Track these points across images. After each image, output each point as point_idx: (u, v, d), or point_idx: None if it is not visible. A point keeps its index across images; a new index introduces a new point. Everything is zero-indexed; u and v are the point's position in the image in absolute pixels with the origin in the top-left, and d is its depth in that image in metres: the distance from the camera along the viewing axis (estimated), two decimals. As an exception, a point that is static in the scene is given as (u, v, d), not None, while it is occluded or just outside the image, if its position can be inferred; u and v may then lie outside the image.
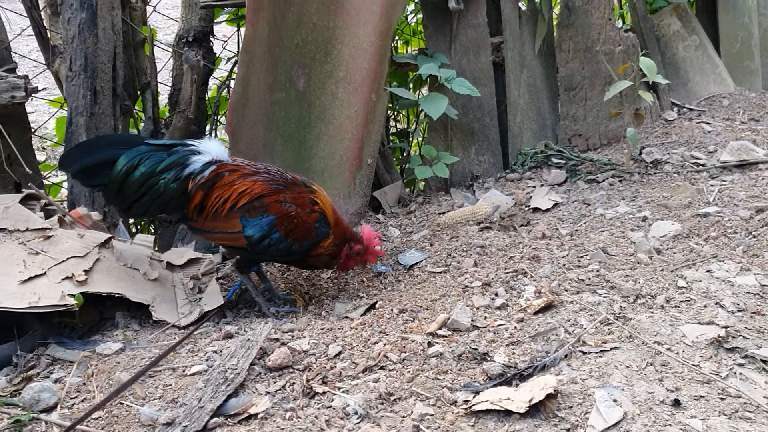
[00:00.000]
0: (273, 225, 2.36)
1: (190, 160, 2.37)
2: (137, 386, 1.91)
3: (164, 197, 2.35)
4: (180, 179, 2.34)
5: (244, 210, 2.36)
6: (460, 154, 3.54)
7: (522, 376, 1.77)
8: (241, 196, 2.36)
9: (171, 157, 2.35)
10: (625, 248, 2.52)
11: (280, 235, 2.36)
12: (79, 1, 2.77)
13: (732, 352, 1.79)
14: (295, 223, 2.37)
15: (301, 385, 1.85)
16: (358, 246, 2.48)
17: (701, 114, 4.03)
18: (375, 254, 2.52)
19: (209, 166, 2.38)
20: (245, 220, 2.36)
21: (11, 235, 2.39)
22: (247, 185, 2.37)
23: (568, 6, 3.67)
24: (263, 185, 2.38)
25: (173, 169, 2.34)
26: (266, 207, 2.36)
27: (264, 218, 2.36)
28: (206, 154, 2.39)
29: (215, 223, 2.39)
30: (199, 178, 2.36)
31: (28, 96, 2.78)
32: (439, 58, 3.41)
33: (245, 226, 2.36)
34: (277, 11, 2.96)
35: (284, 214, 2.36)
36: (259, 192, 2.37)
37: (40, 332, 2.26)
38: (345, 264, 2.52)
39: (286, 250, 2.40)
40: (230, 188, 2.36)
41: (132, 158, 2.32)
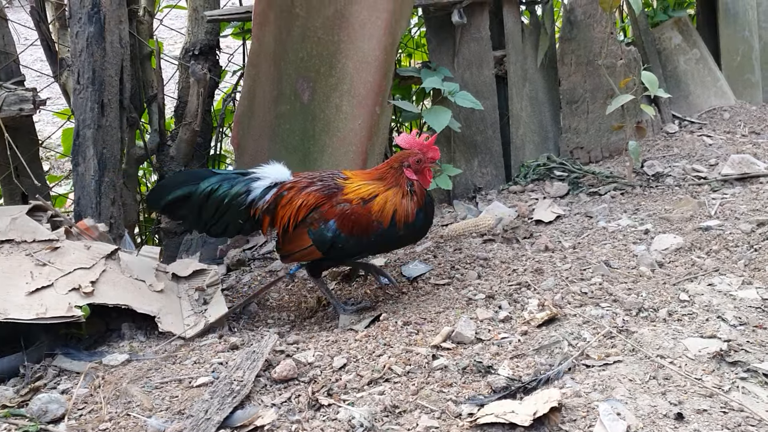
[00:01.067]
0: (335, 228, 2.39)
1: (252, 186, 2.48)
2: (144, 398, 1.92)
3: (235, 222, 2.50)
4: (245, 206, 2.47)
5: (307, 225, 2.43)
6: (463, 166, 3.56)
7: (526, 389, 1.78)
8: (300, 210, 2.43)
9: (235, 187, 2.47)
10: (628, 261, 2.54)
11: (345, 235, 2.39)
12: (87, 15, 2.81)
13: (734, 366, 1.80)
14: (353, 220, 2.39)
15: (306, 397, 1.86)
16: (413, 157, 2.41)
17: (702, 127, 4.05)
18: (431, 148, 2.43)
19: (269, 191, 2.48)
20: (312, 234, 2.42)
21: (18, 247, 2.41)
22: (303, 198, 2.44)
23: (570, 20, 3.70)
24: (316, 194, 2.44)
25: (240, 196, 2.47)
26: (324, 214, 2.41)
27: (326, 225, 2.40)
28: (266, 178, 2.49)
29: (290, 243, 2.49)
30: (261, 203, 2.47)
31: (36, 108, 2.82)
32: (442, 71, 3.44)
33: (314, 239, 2.42)
34: (283, 25, 2.99)
35: (341, 215, 2.39)
36: (314, 202, 2.43)
37: (47, 343, 2.28)
38: (423, 180, 2.43)
39: (359, 245, 2.43)
40: (290, 206, 2.45)
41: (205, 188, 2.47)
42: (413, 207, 2.40)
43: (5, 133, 2.76)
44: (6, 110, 2.76)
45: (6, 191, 3.01)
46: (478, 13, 3.52)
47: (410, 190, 2.40)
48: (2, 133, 2.77)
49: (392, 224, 2.38)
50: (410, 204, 2.40)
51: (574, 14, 3.69)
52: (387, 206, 2.38)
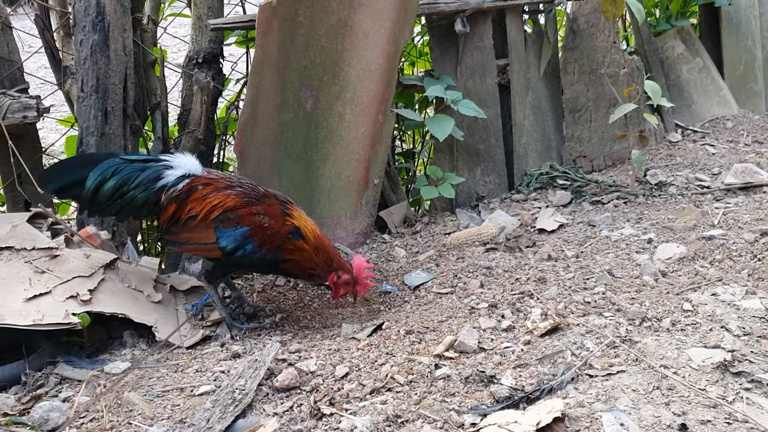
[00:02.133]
0: (247, 236, 2.39)
1: (164, 174, 2.44)
2: (145, 406, 1.92)
3: (134, 205, 2.43)
4: (153, 191, 2.41)
5: (218, 221, 2.40)
6: (465, 174, 3.56)
7: (529, 399, 1.77)
8: (214, 208, 2.41)
9: (145, 173, 2.42)
10: (631, 270, 2.53)
11: (253, 246, 2.39)
12: (91, 23, 2.82)
13: (738, 377, 1.79)
14: (268, 234, 2.40)
15: (308, 406, 1.85)
16: (346, 276, 2.47)
17: (705, 136, 4.05)
18: (364, 285, 2.50)
19: (183, 180, 2.44)
20: (219, 231, 2.40)
21: (18, 254, 2.42)
22: (220, 198, 2.43)
23: (573, 29, 3.71)
24: (236, 198, 2.43)
25: (146, 183, 2.41)
26: (239, 219, 2.40)
27: (237, 229, 2.40)
28: (179, 168, 2.46)
29: (189, 234, 2.45)
30: (172, 190, 2.42)
31: (39, 116, 2.82)
32: (445, 80, 3.44)
33: (219, 237, 2.40)
34: (286, 34, 3.00)
35: (258, 225, 2.40)
36: (232, 205, 2.42)
37: (49, 351, 2.28)
38: (334, 293, 2.53)
39: (261, 260, 2.43)
40: (203, 201, 2.42)
41: (104, 171, 2.40)
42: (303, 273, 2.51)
43: (9, 140, 2.77)
44: (10, 117, 2.77)
45: (9, 198, 3.02)
46: (481, 22, 3.53)
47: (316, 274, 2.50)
48: (6, 141, 2.77)
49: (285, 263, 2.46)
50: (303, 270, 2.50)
51: (577, 23, 3.70)
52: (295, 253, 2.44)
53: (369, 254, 3.11)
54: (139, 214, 2.52)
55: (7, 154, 2.86)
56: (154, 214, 2.50)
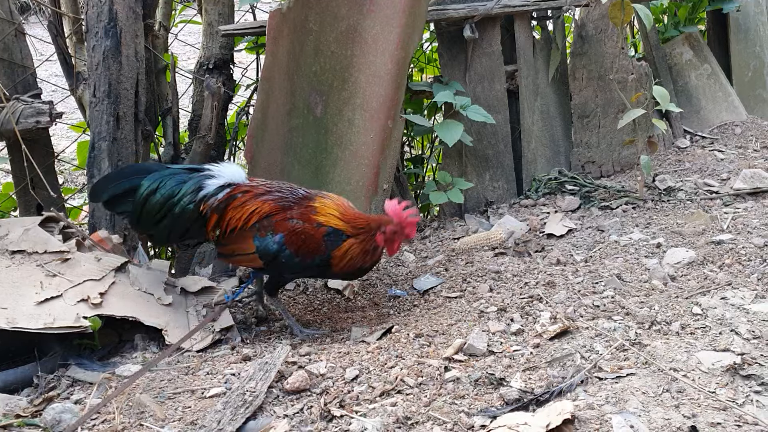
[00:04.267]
0: (282, 243, 2.38)
1: (205, 183, 2.45)
2: (157, 408, 1.93)
3: (182, 220, 2.43)
4: (195, 202, 2.42)
5: (255, 230, 2.40)
6: (474, 180, 3.57)
7: (539, 402, 1.78)
8: (251, 216, 2.41)
9: (189, 183, 2.44)
10: (640, 275, 2.53)
11: (290, 252, 2.39)
12: (104, 29, 2.85)
13: (748, 379, 1.79)
14: (302, 239, 2.38)
15: (318, 408, 1.86)
16: (390, 227, 2.40)
17: (714, 142, 4.05)
18: (411, 225, 2.42)
19: (223, 189, 2.44)
20: (258, 240, 2.40)
21: (30, 257, 2.44)
22: (257, 205, 2.42)
23: (581, 35, 3.72)
24: (272, 204, 2.43)
25: (189, 193, 2.42)
26: (274, 225, 2.40)
27: (274, 236, 2.39)
28: (221, 177, 2.47)
29: (232, 245, 2.45)
30: (213, 200, 2.42)
31: (52, 121, 2.85)
32: (454, 85, 3.46)
33: (258, 246, 2.40)
34: (296, 40, 3.02)
35: (291, 231, 2.38)
36: (268, 211, 2.41)
37: (61, 354, 2.29)
38: (390, 249, 2.45)
39: (301, 265, 2.42)
40: (242, 209, 2.42)
41: (153, 182, 2.42)
42: (361, 263, 2.43)
43: (22, 144, 2.80)
44: (23, 122, 2.80)
45: (21, 202, 3.05)
46: (489, 28, 3.54)
47: (372, 249, 2.41)
48: (19, 145, 2.80)
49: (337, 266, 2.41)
50: (362, 259, 2.42)
51: (585, 29, 3.71)
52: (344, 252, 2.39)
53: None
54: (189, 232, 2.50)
55: (20, 159, 2.89)
56: (201, 234, 2.51)
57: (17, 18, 3.01)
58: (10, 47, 2.95)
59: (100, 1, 2.85)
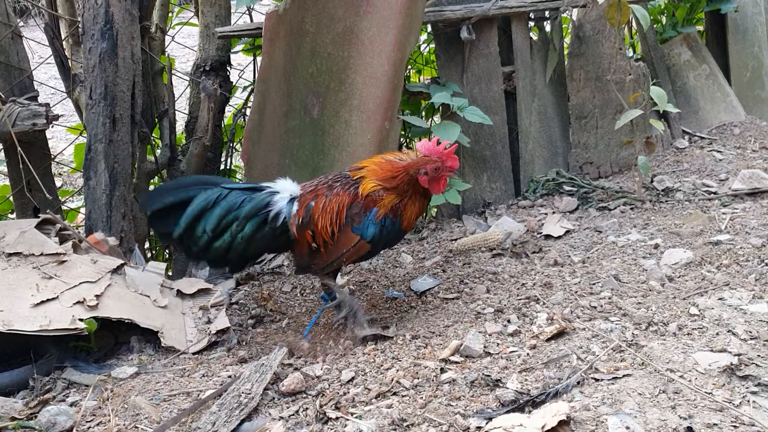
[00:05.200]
0: (379, 215, 2.35)
1: (272, 200, 2.37)
2: (152, 410, 1.93)
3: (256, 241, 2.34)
4: (267, 221, 2.34)
5: (349, 223, 2.36)
6: (472, 181, 3.57)
7: (535, 403, 1.77)
8: (340, 212, 2.36)
9: (252, 202, 2.34)
10: (637, 276, 2.52)
11: (390, 218, 2.36)
12: (100, 32, 2.85)
13: (745, 380, 1.79)
14: (394, 204, 2.37)
15: (314, 410, 1.86)
16: (430, 165, 2.36)
17: (712, 142, 4.05)
18: (449, 156, 2.38)
19: (293, 203, 2.39)
20: (357, 229, 2.36)
21: (26, 260, 2.44)
22: (336, 201, 2.37)
23: (579, 36, 3.71)
24: (345, 193, 2.39)
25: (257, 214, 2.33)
26: (361, 207, 2.36)
27: (368, 216, 2.36)
28: (284, 191, 2.40)
29: (336, 248, 2.39)
30: (295, 219, 2.36)
31: (48, 123, 2.86)
32: (451, 86, 3.45)
33: (362, 233, 2.36)
34: (293, 42, 3.02)
35: (378, 201, 2.36)
36: (349, 201, 2.37)
37: (57, 356, 2.29)
38: (435, 188, 2.39)
39: (397, 232, 2.41)
40: (326, 213, 2.37)
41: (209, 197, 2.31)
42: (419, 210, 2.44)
43: (18, 147, 2.79)
44: (19, 125, 2.80)
45: (18, 205, 3.04)
46: (486, 29, 3.54)
47: (422, 193, 2.40)
48: (15, 148, 2.80)
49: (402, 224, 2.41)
50: (416, 209, 2.42)
51: (583, 30, 3.71)
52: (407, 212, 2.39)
53: (376, 260, 3.12)
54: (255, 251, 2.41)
55: (16, 162, 2.89)
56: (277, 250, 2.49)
57: (14, 21, 3.01)
58: (7, 50, 2.95)
59: (96, 4, 2.85)
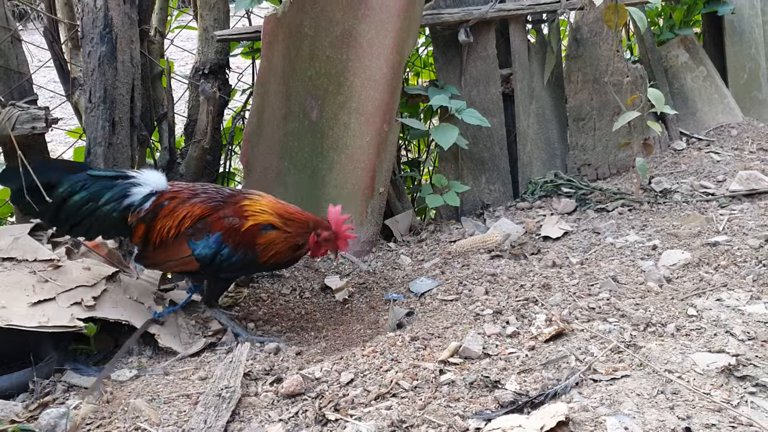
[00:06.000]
0: (220, 241, 2.37)
1: (131, 192, 2.41)
2: (152, 412, 1.93)
3: (103, 225, 2.41)
4: (118, 210, 2.39)
5: (189, 234, 2.39)
6: (470, 183, 3.57)
7: (533, 404, 1.78)
8: (183, 221, 2.39)
9: (113, 190, 2.39)
10: (635, 277, 2.53)
11: (229, 249, 2.38)
12: (99, 35, 2.85)
13: (743, 381, 1.79)
14: (241, 234, 2.38)
15: (313, 412, 1.86)
16: (326, 232, 2.44)
17: (710, 144, 4.06)
18: (345, 239, 2.47)
19: (149, 198, 2.41)
20: (193, 244, 2.39)
21: (20, 264, 2.44)
22: (186, 209, 2.41)
23: (577, 38, 3.73)
24: (202, 206, 2.41)
25: (114, 200, 2.38)
26: (209, 226, 2.39)
27: (210, 237, 2.38)
28: (146, 185, 2.43)
29: (165, 252, 2.43)
30: (139, 210, 2.40)
31: (48, 127, 2.85)
32: (449, 89, 3.46)
33: (194, 249, 2.38)
34: (292, 44, 3.03)
35: (229, 228, 2.38)
36: (199, 213, 2.40)
37: (56, 359, 2.29)
38: (314, 252, 2.49)
39: (241, 262, 2.40)
40: (172, 216, 2.40)
41: (73, 184, 2.36)
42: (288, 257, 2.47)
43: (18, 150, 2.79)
44: (19, 128, 2.80)
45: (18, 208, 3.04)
46: (484, 32, 3.55)
47: (299, 245, 2.44)
48: (15, 151, 2.80)
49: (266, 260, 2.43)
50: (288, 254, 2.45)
51: (581, 32, 3.72)
52: (271, 246, 2.40)
53: (375, 262, 3.13)
54: (108, 234, 2.53)
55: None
56: (124, 235, 2.52)
57: (13, 24, 3.01)
58: (6, 53, 2.96)
59: (95, 7, 2.85)
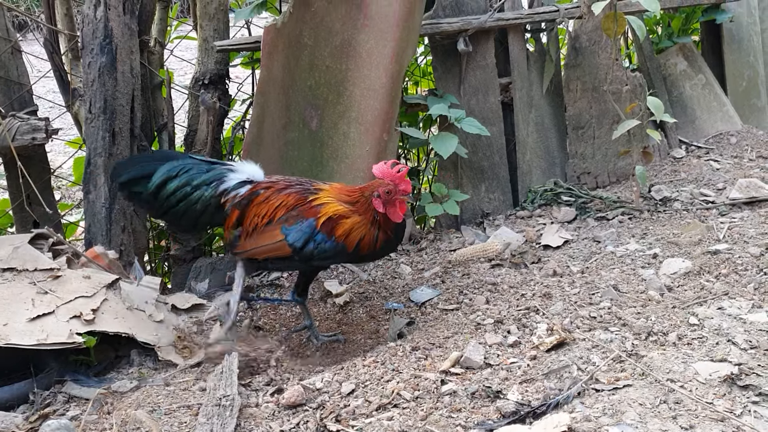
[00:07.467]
0: (314, 226, 2.37)
1: (227, 176, 2.47)
2: (153, 424, 1.93)
3: (198, 208, 2.45)
4: (214, 195, 2.44)
5: (282, 221, 2.40)
6: (470, 191, 3.57)
7: (535, 414, 1.77)
8: (278, 209, 2.41)
9: (209, 173, 2.46)
10: (636, 285, 2.53)
11: (323, 234, 2.36)
12: (99, 46, 2.86)
13: (746, 390, 1.79)
14: (334, 222, 2.37)
15: (315, 423, 1.86)
16: (383, 188, 2.34)
17: (709, 152, 4.06)
18: (403, 180, 2.35)
19: (244, 185, 2.46)
20: (286, 229, 2.39)
21: (20, 275, 2.43)
22: (281, 199, 2.43)
23: (575, 47, 3.74)
24: (296, 196, 2.43)
25: (209, 183, 2.45)
26: (303, 213, 2.39)
27: (303, 222, 2.38)
28: (242, 173, 2.49)
29: (257, 239, 2.43)
30: (234, 195, 2.45)
31: (48, 137, 2.86)
32: (448, 98, 3.47)
33: (287, 235, 2.38)
34: (291, 55, 3.04)
35: (322, 215, 2.37)
36: (294, 203, 2.42)
37: (57, 370, 2.29)
38: (393, 214, 2.36)
39: (333, 250, 2.38)
40: (266, 204, 2.43)
41: (172, 167, 2.45)
42: (380, 236, 2.39)
43: (18, 161, 2.80)
44: (19, 139, 2.80)
45: (18, 219, 3.05)
46: (483, 41, 3.56)
47: (376, 218, 2.37)
48: (15, 162, 2.81)
49: (356, 248, 2.38)
50: (377, 233, 2.38)
51: (579, 41, 3.73)
52: (353, 233, 2.37)
53: (375, 271, 3.12)
54: (201, 221, 2.51)
55: (16, 176, 2.90)
56: (217, 224, 2.55)
57: (13, 35, 3.02)
58: (7, 64, 2.97)
59: (95, 18, 2.86)
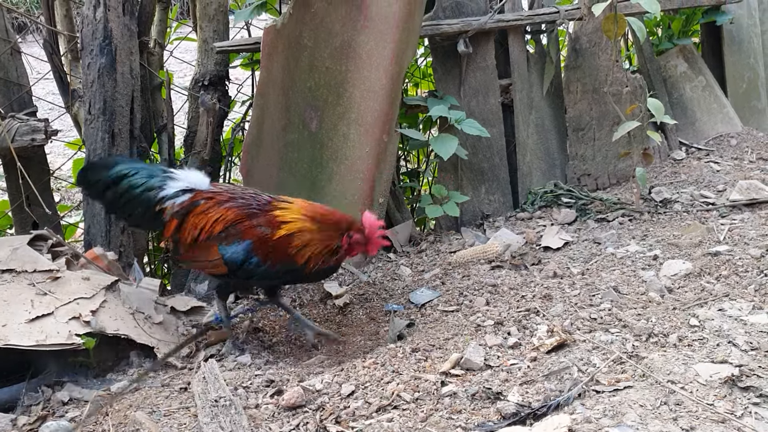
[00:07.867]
0: (249, 250, 2.34)
1: (167, 184, 2.45)
2: (152, 425, 1.92)
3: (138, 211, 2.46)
4: (152, 199, 2.43)
5: (221, 238, 2.37)
6: (470, 193, 3.57)
7: (536, 416, 1.77)
8: (216, 224, 2.38)
9: (151, 180, 2.45)
10: (637, 287, 2.52)
11: (258, 259, 2.34)
12: (99, 47, 2.86)
13: (746, 391, 1.78)
14: (270, 246, 2.33)
15: (314, 424, 1.85)
16: (358, 235, 2.37)
17: (709, 153, 4.06)
18: (376, 244, 2.40)
19: (184, 194, 2.43)
20: (223, 249, 2.36)
21: (19, 276, 2.43)
22: (221, 213, 2.39)
23: (575, 48, 3.73)
24: (237, 211, 2.39)
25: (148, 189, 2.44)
26: (241, 233, 2.36)
27: (240, 244, 2.35)
28: (181, 181, 2.46)
29: (195, 252, 2.43)
30: (170, 204, 2.42)
31: (47, 138, 2.86)
32: (448, 99, 3.46)
33: (224, 254, 2.36)
34: (291, 56, 3.03)
35: (260, 238, 2.34)
36: (233, 219, 2.38)
37: (56, 371, 2.28)
38: (347, 252, 2.41)
39: (268, 273, 2.37)
40: (205, 216, 2.40)
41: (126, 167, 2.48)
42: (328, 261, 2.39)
43: (17, 162, 2.80)
44: (18, 140, 2.80)
45: (17, 220, 3.04)
46: (483, 43, 3.56)
47: (336, 248, 2.37)
48: (14, 163, 2.81)
49: (304, 265, 2.36)
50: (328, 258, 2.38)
51: (579, 43, 3.73)
52: (306, 249, 2.34)
53: (375, 273, 3.12)
54: (143, 224, 2.62)
55: (15, 177, 2.90)
56: (158, 228, 2.54)
57: (13, 37, 3.02)
58: (6, 66, 2.97)
59: (95, 19, 2.86)
